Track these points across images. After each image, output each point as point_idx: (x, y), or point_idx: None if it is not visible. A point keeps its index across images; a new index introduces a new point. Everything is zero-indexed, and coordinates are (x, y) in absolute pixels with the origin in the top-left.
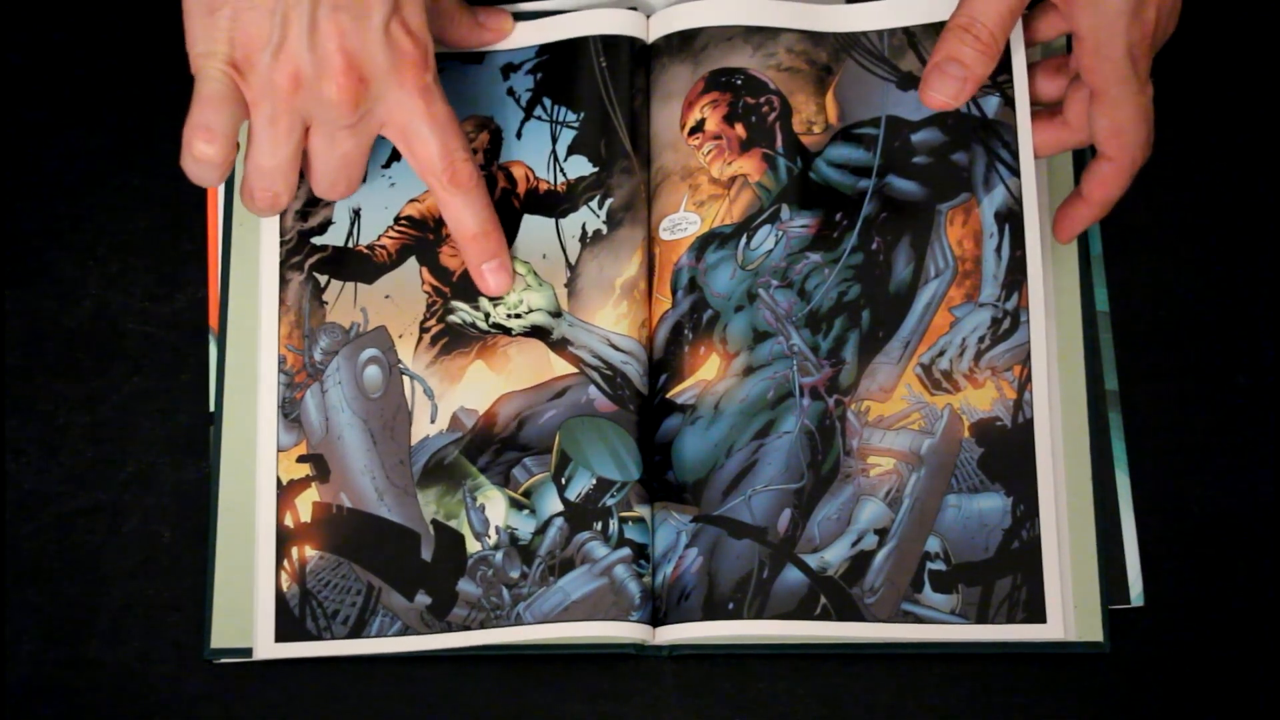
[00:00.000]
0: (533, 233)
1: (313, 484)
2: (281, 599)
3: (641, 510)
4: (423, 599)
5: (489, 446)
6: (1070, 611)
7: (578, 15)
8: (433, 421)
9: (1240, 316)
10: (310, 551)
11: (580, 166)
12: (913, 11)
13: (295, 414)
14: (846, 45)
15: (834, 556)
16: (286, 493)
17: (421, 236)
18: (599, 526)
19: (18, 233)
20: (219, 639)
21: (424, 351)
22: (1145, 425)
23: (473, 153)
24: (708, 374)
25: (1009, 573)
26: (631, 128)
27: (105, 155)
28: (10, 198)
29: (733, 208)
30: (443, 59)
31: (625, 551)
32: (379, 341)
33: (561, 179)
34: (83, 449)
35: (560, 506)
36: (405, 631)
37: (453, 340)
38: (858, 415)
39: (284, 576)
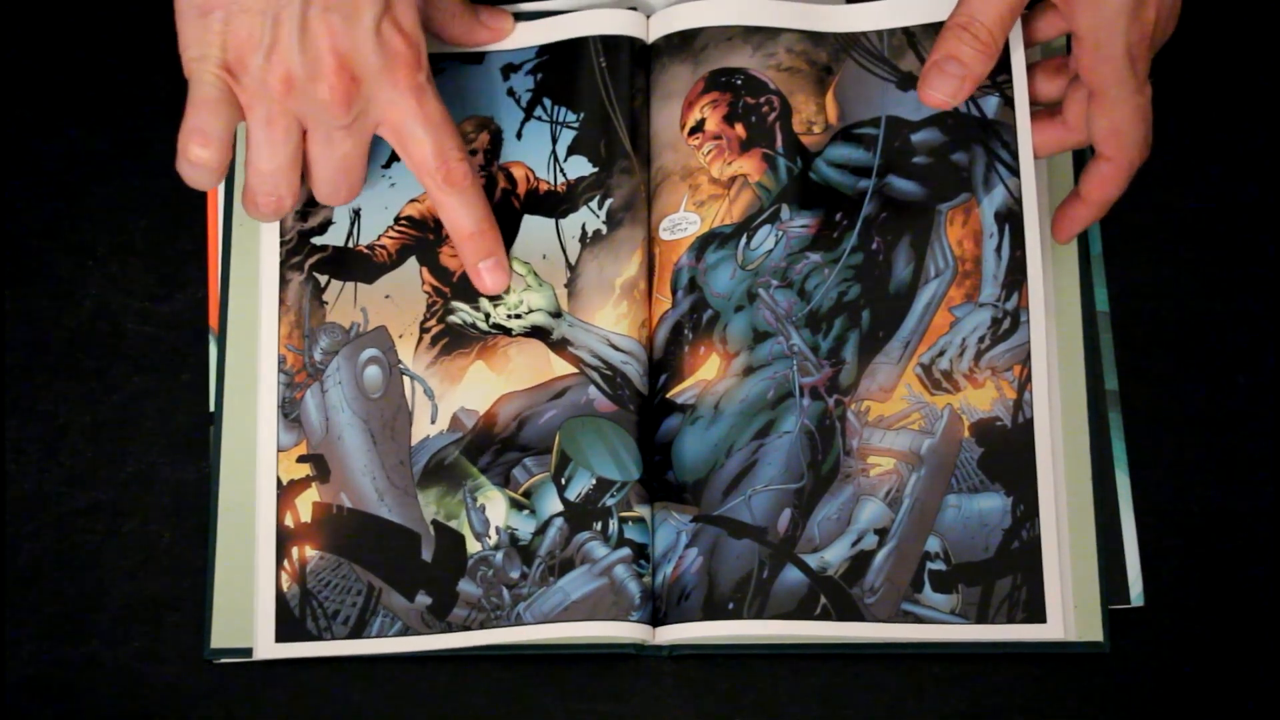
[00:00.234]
0: (533, 233)
1: (313, 484)
2: (282, 599)
3: (641, 510)
4: (423, 599)
5: (489, 447)
6: (1070, 611)
7: (578, 15)
8: (433, 422)
9: (1240, 316)
10: (310, 551)
11: (580, 167)
12: (913, 11)
13: (295, 414)
14: (846, 45)
15: (834, 556)
16: (286, 493)
17: (422, 237)
18: (599, 526)
19: (18, 233)
20: (219, 639)
21: (424, 352)
22: (1145, 425)
23: (469, 152)
24: (708, 374)
25: (1009, 573)
26: (631, 128)
27: (105, 155)
28: (10, 198)
29: (733, 208)
30: (442, 59)
31: (625, 551)
32: (379, 341)
33: (561, 179)
34: (83, 449)
35: (560, 507)
36: (405, 632)
37: (453, 340)
38: (858, 415)
39: (284, 576)
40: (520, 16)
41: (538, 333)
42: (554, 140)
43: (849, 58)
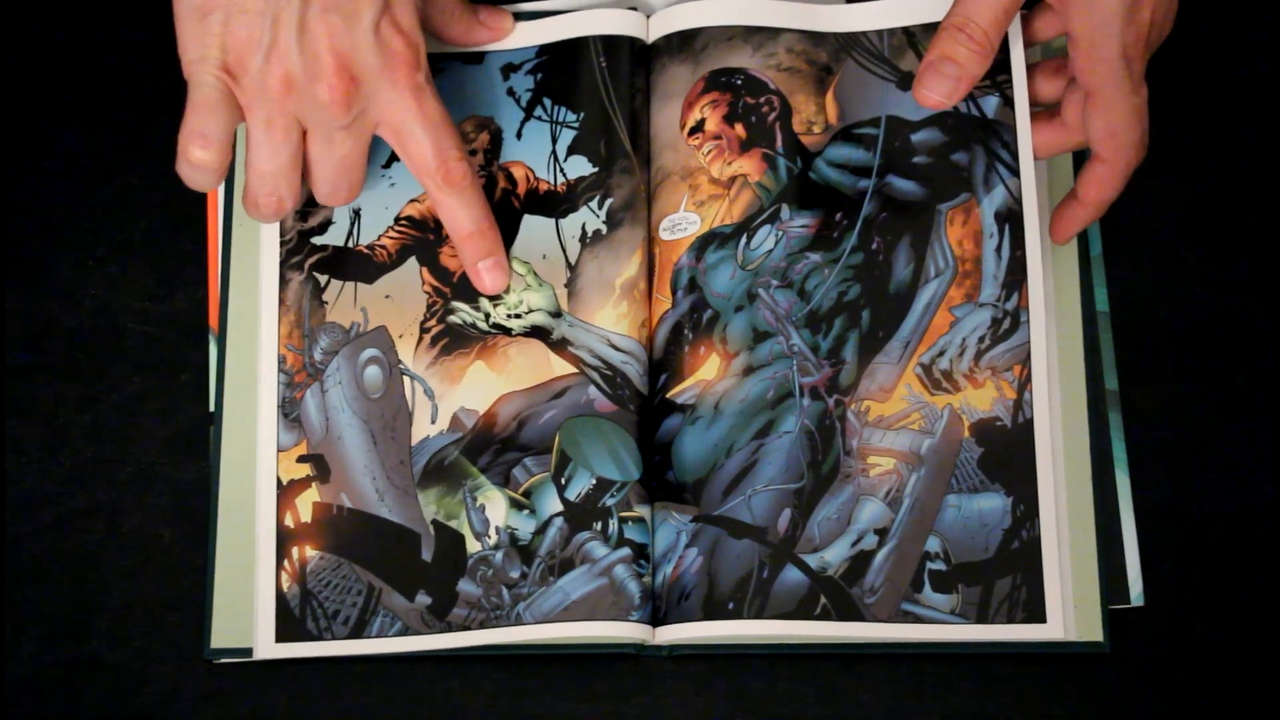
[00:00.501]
0: (533, 233)
1: (313, 484)
2: (282, 599)
3: (641, 510)
4: (423, 599)
5: (489, 447)
6: (1070, 611)
7: (578, 15)
8: (433, 422)
9: (1240, 316)
10: (310, 551)
11: (580, 166)
12: (912, 11)
13: (295, 414)
14: (846, 45)
15: (834, 556)
16: (286, 493)
17: (422, 237)
18: (599, 526)
19: (18, 233)
20: (219, 639)
21: (424, 352)
22: (1145, 425)
23: (469, 152)
24: (708, 374)
25: (1009, 573)
26: (631, 128)
27: (105, 155)
28: (10, 198)
29: (733, 208)
30: (442, 59)
31: (625, 551)
32: (379, 341)
33: (561, 179)
34: (83, 449)
35: (560, 506)
36: (405, 631)
37: (453, 340)
38: (858, 415)
39: (284, 576)
40: (520, 16)
41: (538, 333)
42: (554, 140)
43: (849, 58)
